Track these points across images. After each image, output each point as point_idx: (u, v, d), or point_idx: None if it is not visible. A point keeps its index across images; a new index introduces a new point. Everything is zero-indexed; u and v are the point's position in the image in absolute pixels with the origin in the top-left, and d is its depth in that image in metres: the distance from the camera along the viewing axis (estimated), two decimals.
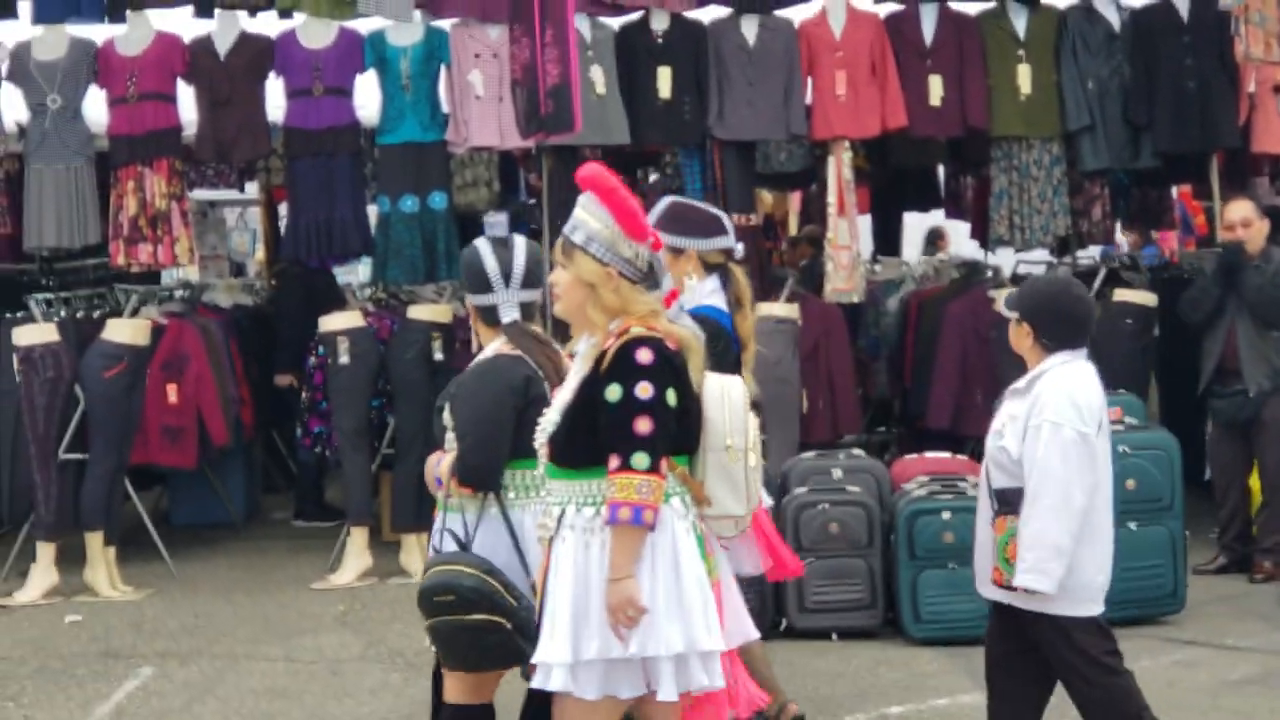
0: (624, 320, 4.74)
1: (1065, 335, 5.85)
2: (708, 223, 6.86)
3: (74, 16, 11.01)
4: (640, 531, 4.64)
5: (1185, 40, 10.73)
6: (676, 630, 4.65)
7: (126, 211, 10.91)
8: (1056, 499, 5.65)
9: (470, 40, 10.77)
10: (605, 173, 4.83)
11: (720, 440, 4.84)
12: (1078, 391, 5.75)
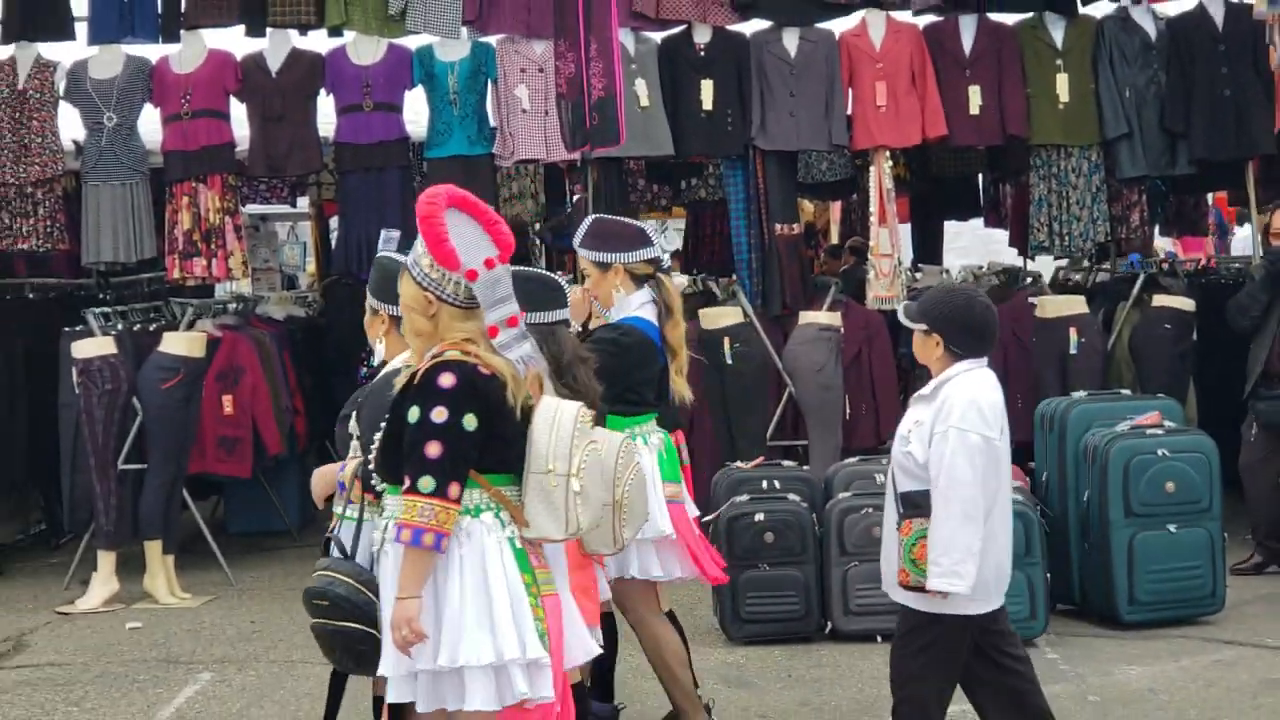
0: (441, 345, 4.79)
1: (972, 344, 5.93)
2: (632, 236, 6.86)
3: (129, 36, 11.09)
4: (422, 553, 4.65)
5: (1220, 49, 10.73)
6: (486, 641, 4.66)
7: (181, 226, 10.98)
8: (966, 504, 5.73)
9: (516, 55, 10.82)
10: (432, 197, 4.85)
11: (542, 464, 4.80)
12: (982, 397, 5.82)
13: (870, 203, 11.16)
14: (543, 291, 5.95)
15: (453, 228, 4.76)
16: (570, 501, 4.80)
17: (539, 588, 4.82)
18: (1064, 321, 10.73)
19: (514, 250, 4.95)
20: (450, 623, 4.68)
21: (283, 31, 11.11)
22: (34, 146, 10.99)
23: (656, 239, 6.95)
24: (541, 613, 4.78)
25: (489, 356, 4.76)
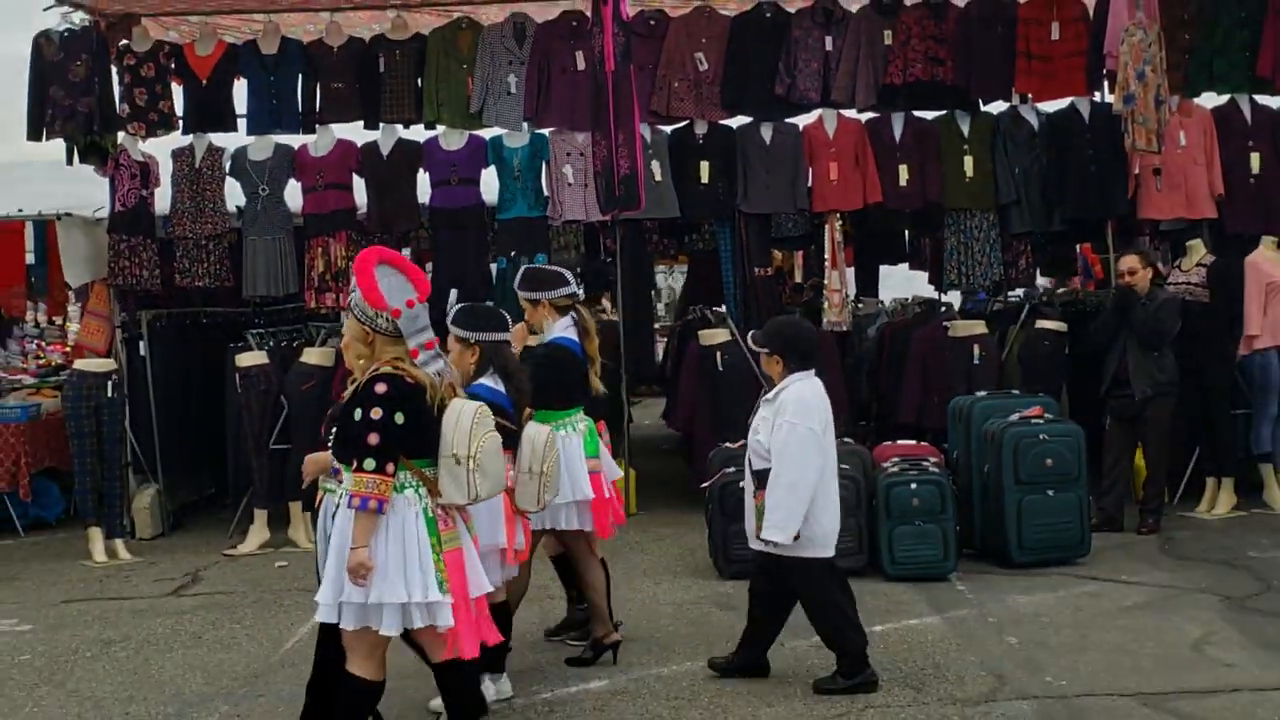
0: (377, 363, 5.01)
1: (801, 360, 6.23)
2: (553, 279, 7.05)
3: (277, 129, 11.11)
4: (369, 515, 4.89)
5: (1087, 136, 10.65)
6: (400, 585, 4.91)
7: (316, 269, 10.98)
8: (794, 477, 5.99)
9: (563, 143, 10.80)
10: (365, 256, 5.17)
11: (449, 449, 5.03)
12: (809, 399, 6.12)
13: (825, 251, 11.13)
14: (496, 319, 6.26)
15: (382, 278, 5.04)
16: (470, 477, 5.04)
17: (442, 546, 5.05)
18: (970, 339, 10.71)
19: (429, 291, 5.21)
20: (379, 570, 4.91)
21: (391, 125, 11.11)
22: (207, 210, 11.00)
23: (572, 280, 7.14)
24: (443, 565, 5.01)
25: (413, 370, 5.01)
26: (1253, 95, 10.77)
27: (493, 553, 5.92)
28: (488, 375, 6.09)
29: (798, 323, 6.65)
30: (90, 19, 10.86)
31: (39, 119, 10.80)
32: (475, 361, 6.13)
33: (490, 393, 5.98)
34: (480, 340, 6.15)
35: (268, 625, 7.86)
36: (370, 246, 5.55)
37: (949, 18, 10.83)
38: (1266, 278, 9.97)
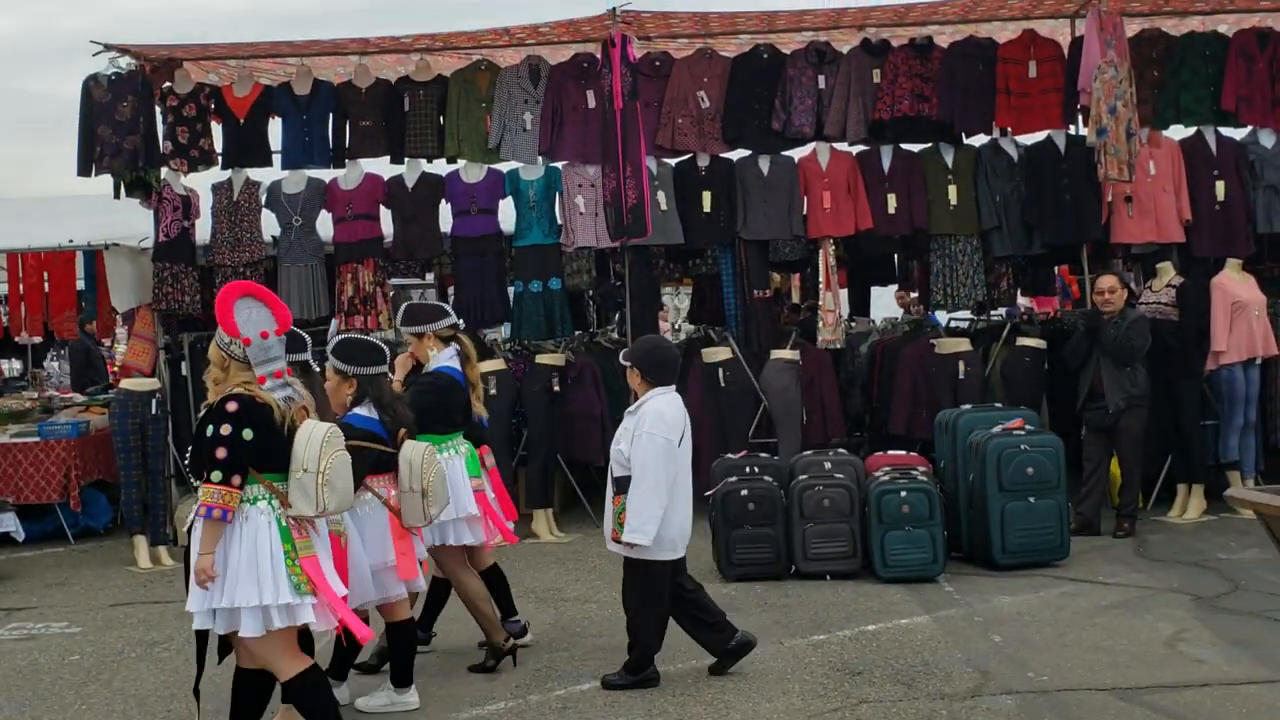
0: (230, 386, 5.06)
1: (661, 376, 6.26)
2: (433, 312, 7.04)
3: (310, 164, 11.13)
4: (214, 524, 4.93)
5: (1063, 167, 10.64)
6: (254, 589, 4.92)
7: (346, 293, 11.00)
8: (651, 483, 6.03)
9: (575, 175, 10.81)
10: (229, 289, 5.20)
11: (298, 465, 5.02)
12: (666, 413, 6.15)
13: (819, 274, 11.12)
14: (373, 353, 6.20)
15: (241, 310, 5.08)
16: (319, 491, 5.02)
17: (298, 553, 5.05)
18: (955, 356, 10.68)
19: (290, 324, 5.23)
20: (231, 576, 4.94)
21: (415, 160, 11.12)
22: (244, 240, 11.02)
23: (452, 312, 7.13)
24: (299, 569, 4.99)
25: (262, 393, 5.03)
26: (1217, 128, 10.77)
27: (385, 570, 5.95)
28: (363, 405, 6.08)
29: (661, 343, 6.66)
30: (136, 63, 10.88)
31: (88, 156, 10.82)
32: (352, 393, 6.12)
33: (363, 421, 6.01)
34: (356, 374, 6.13)
35: None
36: (237, 281, 5.61)
37: (933, 57, 10.83)
38: (1231, 297, 9.96)
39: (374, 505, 5.97)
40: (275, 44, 11.08)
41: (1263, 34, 10.75)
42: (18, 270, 13.57)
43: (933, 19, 10.97)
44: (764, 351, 10.83)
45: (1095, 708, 5.79)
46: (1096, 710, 5.76)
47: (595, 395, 10.72)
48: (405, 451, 6.03)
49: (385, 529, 5.96)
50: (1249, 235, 10.64)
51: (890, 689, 6.13)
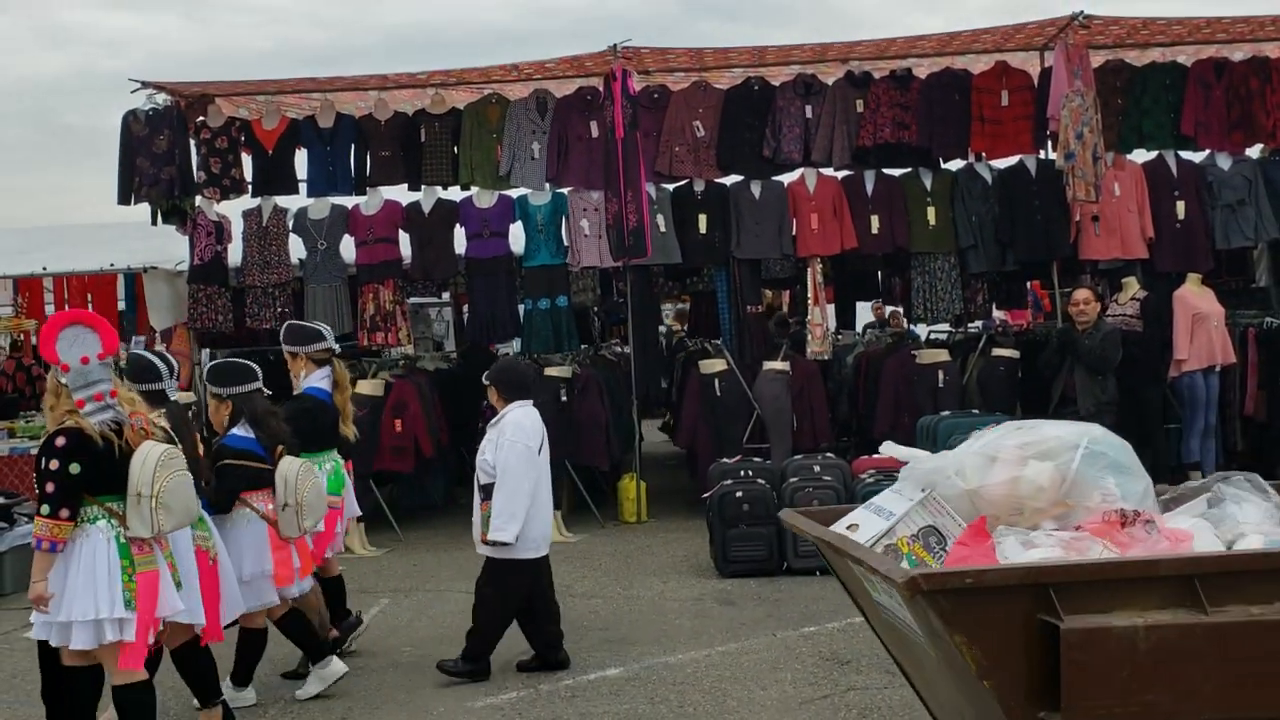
0: (61, 413, 4.90)
1: (517, 392, 6.37)
2: (310, 334, 6.98)
3: (333, 191, 11.15)
4: (44, 554, 4.79)
5: (1034, 189, 10.65)
6: (90, 603, 4.78)
7: (368, 311, 11.01)
8: (514, 485, 6.10)
9: (580, 200, 10.82)
10: (58, 318, 5.06)
11: (134, 488, 4.85)
12: (524, 423, 6.24)
13: (808, 290, 11.12)
14: (244, 373, 6.18)
15: (65, 338, 4.89)
16: (153, 514, 4.87)
17: (135, 569, 4.90)
18: (935, 366, 10.68)
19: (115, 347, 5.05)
20: (68, 592, 4.82)
21: (432, 188, 11.14)
22: (273, 262, 11.04)
23: (329, 335, 7.03)
24: (133, 585, 4.87)
25: (84, 422, 4.85)
26: (1178, 151, 10.80)
27: (262, 579, 5.93)
28: (240, 425, 6.05)
29: (516, 363, 6.76)
30: (171, 99, 10.92)
31: (128, 186, 10.85)
32: (228, 413, 6.09)
33: (240, 441, 5.99)
34: (230, 395, 6.10)
35: None
36: (69, 311, 5.51)
37: (912, 88, 10.84)
38: (1192, 309, 9.96)
39: (252, 519, 5.96)
40: (300, 80, 11.10)
41: (1219, 64, 10.76)
42: (63, 292, 13.60)
43: (912, 52, 10.98)
44: (756, 363, 10.83)
45: None
46: None
47: (600, 405, 10.71)
48: (281, 467, 6.01)
49: (264, 540, 5.94)
50: (1208, 251, 10.65)
51: (876, 676, 6.11)
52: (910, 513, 3.64)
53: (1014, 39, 10.78)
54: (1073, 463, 3.60)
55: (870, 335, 13.71)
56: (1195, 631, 3.12)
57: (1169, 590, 3.19)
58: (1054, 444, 3.67)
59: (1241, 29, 10.53)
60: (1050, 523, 3.57)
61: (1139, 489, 3.67)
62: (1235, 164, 10.70)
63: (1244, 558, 3.31)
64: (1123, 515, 3.46)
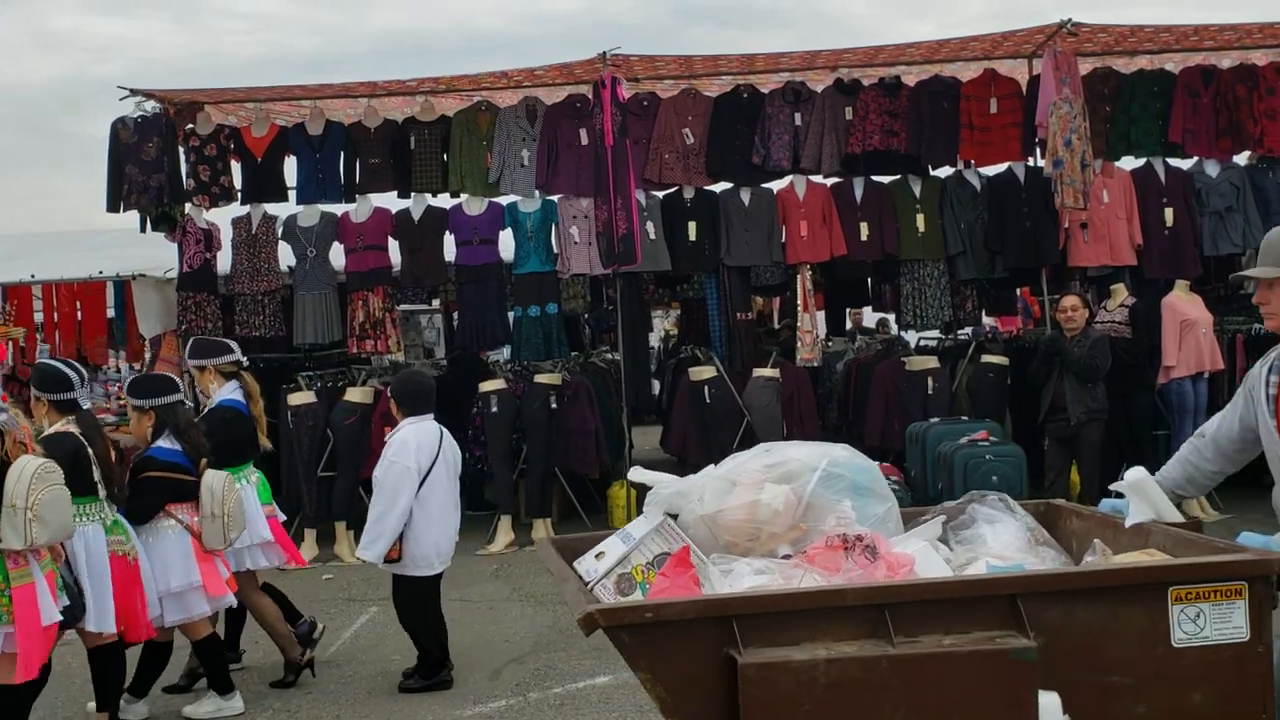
0: None
1: (414, 407, 6.29)
2: (218, 347, 6.95)
3: (323, 199, 11.12)
4: None
5: (1023, 196, 10.67)
6: None
7: (357, 319, 10.98)
8: (384, 507, 6.07)
9: (570, 207, 10.81)
10: None
11: (9, 500, 4.81)
12: (411, 441, 6.14)
13: (798, 297, 11.12)
14: (165, 384, 6.17)
15: None
16: (27, 526, 4.82)
17: (9, 583, 4.86)
18: (924, 372, 10.68)
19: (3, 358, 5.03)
20: None
21: (421, 195, 11.13)
22: (262, 269, 11.02)
23: (236, 348, 7.01)
24: (8, 599, 4.82)
25: None
26: (1166, 158, 10.82)
27: (191, 590, 5.92)
28: (164, 437, 6.04)
29: (415, 376, 6.65)
30: (160, 106, 10.90)
31: (117, 193, 10.83)
32: (152, 425, 6.07)
33: (166, 453, 5.99)
34: (153, 406, 6.08)
35: None
36: None
37: (901, 95, 10.87)
38: (1181, 316, 9.99)
39: (177, 530, 5.95)
40: (290, 88, 11.09)
41: (1206, 71, 10.81)
42: (52, 299, 13.57)
43: (901, 60, 11.00)
44: (746, 369, 10.83)
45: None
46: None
47: (590, 412, 10.71)
48: (206, 479, 6.01)
49: (189, 552, 5.93)
50: (1196, 258, 10.68)
51: None
52: (645, 539, 3.46)
53: (1002, 46, 10.81)
54: (808, 485, 3.48)
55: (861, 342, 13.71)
56: (880, 664, 2.94)
57: (859, 621, 3.01)
58: (794, 466, 3.53)
59: (1229, 36, 10.57)
60: (785, 548, 3.43)
61: (879, 511, 3.54)
62: (1223, 171, 10.74)
63: (934, 586, 3.13)
64: (844, 540, 3.29)
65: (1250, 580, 3.08)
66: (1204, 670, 3.07)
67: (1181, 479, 3.98)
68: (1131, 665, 3.08)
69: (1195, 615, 3.07)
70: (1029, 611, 3.03)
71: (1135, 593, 3.09)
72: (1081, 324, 9.46)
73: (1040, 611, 3.04)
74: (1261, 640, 3.08)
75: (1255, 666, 3.09)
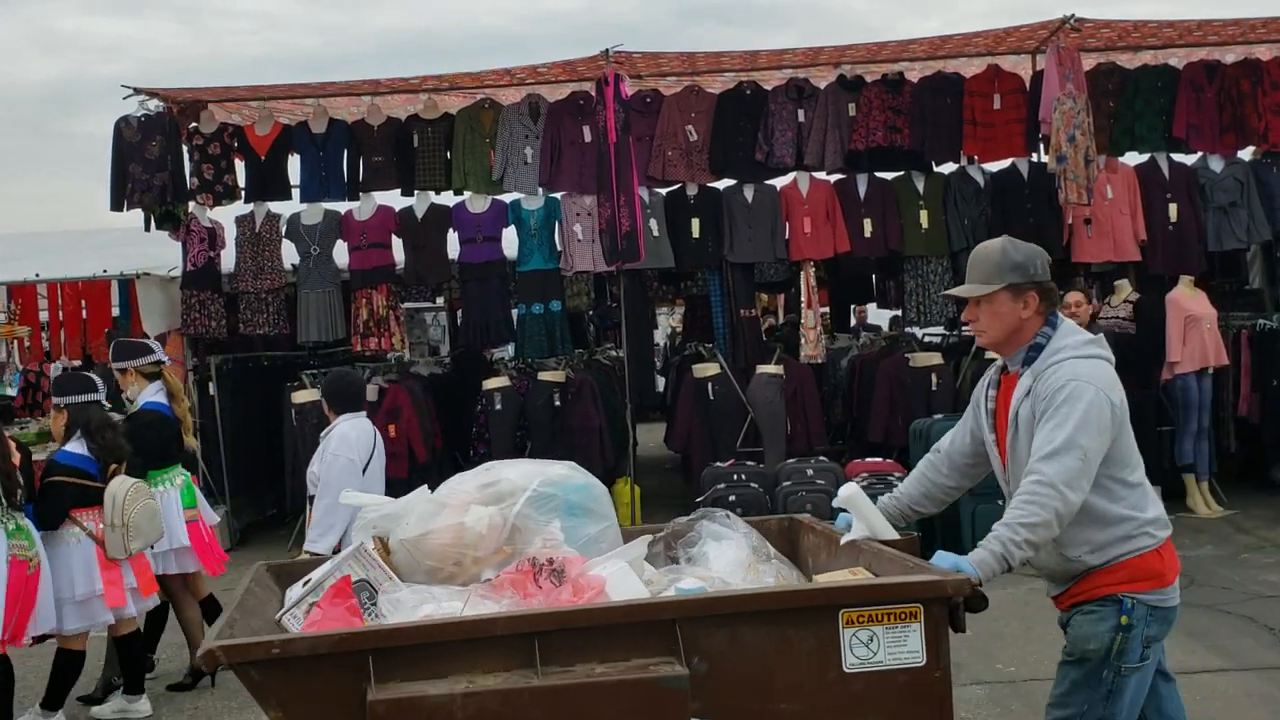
0: None
1: (346, 404, 6.24)
2: (138, 348, 6.90)
3: (326, 197, 11.12)
4: None
5: (1026, 192, 10.66)
6: None
7: (361, 317, 10.99)
8: (331, 500, 5.92)
9: (573, 205, 10.81)
10: None
11: None
12: (350, 435, 6.10)
13: (801, 294, 11.12)
14: (82, 383, 6.14)
15: None
16: None
17: None
18: (928, 369, 10.66)
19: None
20: None
21: (425, 192, 11.13)
22: (266, 268, 11.01)
23: (159, 349, 6.96)
24: None
25: None
26: (1170, 154, 10.79)
27: (92, 599, 5.89)
28: (75, 439, 5.99)
29: (346, 375, 6.60)
30: (164, 105, 10.90)
31: (120, 192, 10.84)
32: (64, 423, 6.02)
33: (68, 457, 5.94)
34: (66, 404, 6.04)
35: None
36: None
37: (905, 91, 10.85)
38: (1185, 311, 9.97)
39: (80, 538, 5.91)
40: (293, 86, 11.10)
41: (1210, 66, 10.78)
42: (57, 299, 13.58)
43: (904, 56, 10.99)
44: (750, 366, 10.83)
45: None
46: None
47: (594, 409, 10.71)
48: (111, 486, 5.96)
49: (91, 560, 5.88)
50: (1200, 254, 10.65)
51: None
52: (340, 565, 3.29)
53: (1006, 42, 10.79)
54: (515, 506, 3.34)
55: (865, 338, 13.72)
56: (522, 696, 2.76)
57: (511, 651, 2.84)
58: (505, 487, 3.39)
59: (1233, 31, 10.55)
60: (491, 572, 3.28)
61: (591, 531, 3.38)
62: (1227, 166, 10.72)
63: (587, 613, 2.92)
64: (534, 564, 3.16)
65: (926, 602, 2.96)
66: (877, 695, 2.92)
67: (919, 495, 3.94)
68: (800, 692, 2.92)
69: (869, 639, 2.93)
70: (692, 637, 2.87)
71: (805, 616, 2.93)
72: (1086, 319, 9.46)
73: (704, 637, 2.88)
74: (939, 664, 2.95)
75: (932, 690, 2.95)
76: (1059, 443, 3.29)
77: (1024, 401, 3.47)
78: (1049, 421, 3.34)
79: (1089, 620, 3.44)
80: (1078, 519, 3.38)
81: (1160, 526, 3.49)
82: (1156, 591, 3.42)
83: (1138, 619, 3.38)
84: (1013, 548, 3.30)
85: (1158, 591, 3.42)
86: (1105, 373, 3.49)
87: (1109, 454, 3.42)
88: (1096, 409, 3.35)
